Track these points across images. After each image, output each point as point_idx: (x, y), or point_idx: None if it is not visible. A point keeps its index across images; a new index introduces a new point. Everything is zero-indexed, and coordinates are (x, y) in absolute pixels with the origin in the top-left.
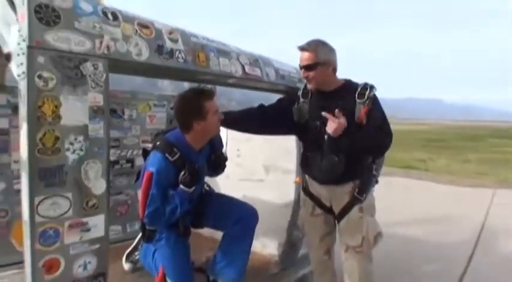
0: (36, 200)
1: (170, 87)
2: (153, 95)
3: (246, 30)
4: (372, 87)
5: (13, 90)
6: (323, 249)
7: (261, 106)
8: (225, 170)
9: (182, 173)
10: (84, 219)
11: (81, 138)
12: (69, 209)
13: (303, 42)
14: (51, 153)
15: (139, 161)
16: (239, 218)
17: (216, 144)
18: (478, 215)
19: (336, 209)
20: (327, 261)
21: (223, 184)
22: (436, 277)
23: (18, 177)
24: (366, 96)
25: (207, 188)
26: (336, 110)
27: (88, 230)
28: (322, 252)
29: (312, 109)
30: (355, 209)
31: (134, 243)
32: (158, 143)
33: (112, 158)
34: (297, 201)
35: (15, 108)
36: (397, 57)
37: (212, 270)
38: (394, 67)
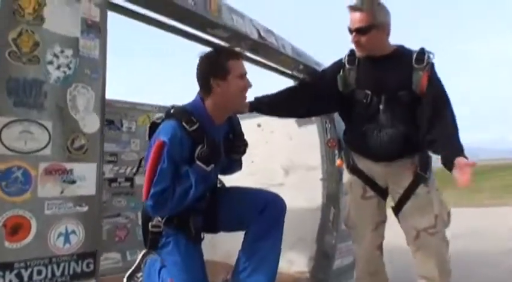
0: (1, 121)
1: None
2: (154, 107)
3: None
4: (430, 52)
5: None
6: (376, 243)
7: (301, 83)
8: (241, 168)
9: (200, 146)
10: (68, 165)
11: (69, 52)
12: (47, 144)
13: None
14: (28, 62)
15: (139, 180)
16: (261, 208)
17: (234, 123)
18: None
19: (395, 190)
20: (378, 258)
21: None
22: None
23: None
24: (425, 62)
25: (219, 185)
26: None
27: (72, 181)
28: (375, 247)
29: (361, 77)
30: (421, 186)
31: (136, 262)
32: (172, 111)
33: (109, 175)
34: (326, 201)
35: None
36: None
37: None
38: None
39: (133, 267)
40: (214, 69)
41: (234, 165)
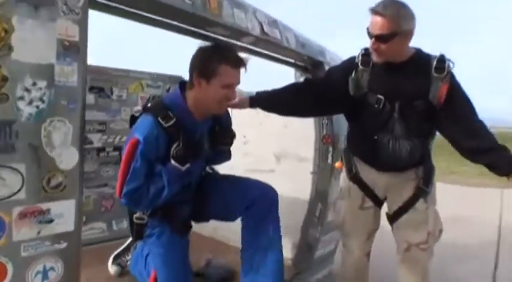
0: None
1: None
2: (147, 74)
3: None
4: (450, 60)
5: None
6: (366, 251)
7: (306, 82)
8: (231, 158)
9: (175, 144)
10: (44, 206)
11: (43, 83)
12: (20, 188)
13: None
14: None
15: None
16: (254, 197)
17: (222, 115)
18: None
19: (395, 200)
20: (366, 263)
21: None
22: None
23: None
24: (445, 71)
25: (210, 171)
26: None
27: (49, 221)
28: (364, 254)
29: (374, 80)
30: (420, 200)
31: (126, 244)
32: (150, 104)
33: (97, 145)
34: (314, 195)
35: None
36: None
37: None
38: None
39: (121, 248)
40: (202, 67)
41: (222, 156)
